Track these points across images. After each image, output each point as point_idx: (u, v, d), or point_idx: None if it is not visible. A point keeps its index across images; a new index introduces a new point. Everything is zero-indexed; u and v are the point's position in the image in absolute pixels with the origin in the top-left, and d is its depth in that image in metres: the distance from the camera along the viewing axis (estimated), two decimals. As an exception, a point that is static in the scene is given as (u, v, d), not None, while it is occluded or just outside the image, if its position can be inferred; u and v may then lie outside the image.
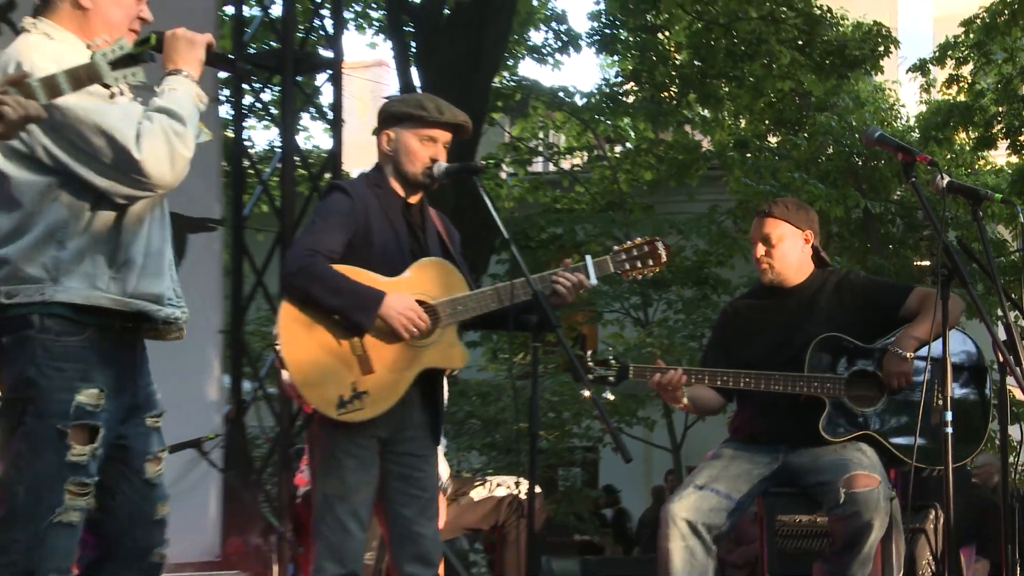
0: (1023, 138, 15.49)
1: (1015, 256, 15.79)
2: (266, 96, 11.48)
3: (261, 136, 16.82)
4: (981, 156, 17.03)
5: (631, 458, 4.46)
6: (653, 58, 16.17)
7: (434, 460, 4.85)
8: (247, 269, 8.82)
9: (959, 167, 16.52)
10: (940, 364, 4.48)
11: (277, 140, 9.58)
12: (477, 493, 6.41)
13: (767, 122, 16.80)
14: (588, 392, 5.00)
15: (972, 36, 15.41)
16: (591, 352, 5.39)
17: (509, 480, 6.42)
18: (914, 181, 4.41)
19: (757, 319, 5.59)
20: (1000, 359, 4.43)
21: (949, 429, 4.33)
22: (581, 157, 19.26)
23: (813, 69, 15.12)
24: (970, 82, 15.93)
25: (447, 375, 5.01)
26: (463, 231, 5.07)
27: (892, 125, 17.45)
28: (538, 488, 4.73)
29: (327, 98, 9.20)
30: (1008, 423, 4.94)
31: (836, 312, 5.45)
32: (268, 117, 13.45)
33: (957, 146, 16.82)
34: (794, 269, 5.53)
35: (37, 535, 3.56)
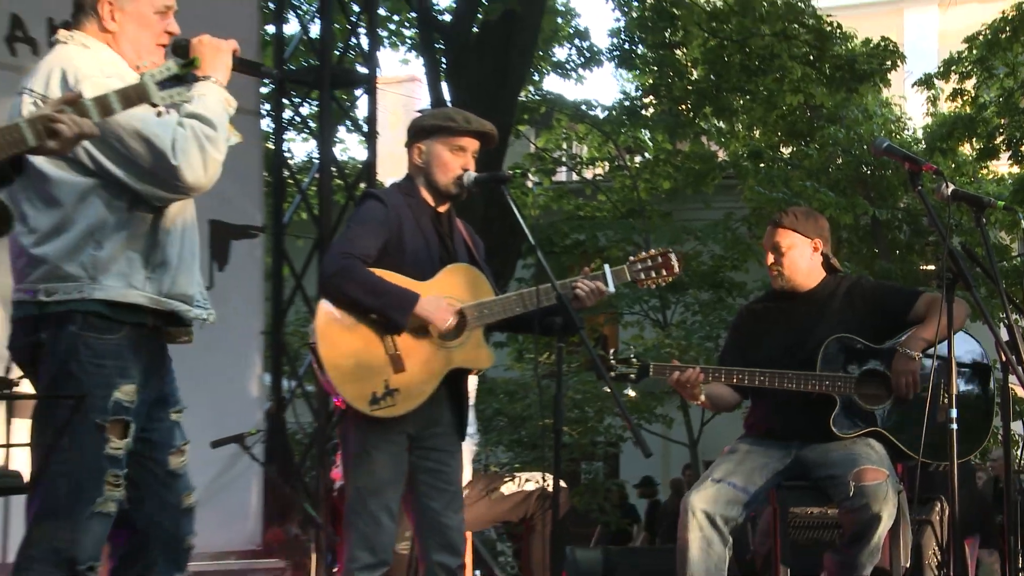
0: (1023, 149, 15.41)
1: (1017, 261, 15.71)
2: (305, 110, 11.53)
3: (300, 148, 16.89)
4: (983, 166, 16.94)
5: (651, 453, 4.46)
6: (671, 73, 16.16)
7: (459, 455, 4.84)
8: (287, 273, 8.85)
9: (962, 176, 16.44)
10: (945, 364, 4.46)
11: (315, 152, 9.61)
12: (507, 488, 6.40)
13: (780, 134, 16.75)
14: (617, 390, 5.00)
15: (975, 52, 15.35)
16: (613, 351, 5.36)
17: (537, 475, 6.41)
18: (920, 189, 4.40)
19: (772, 321, 5.57)
20: (1003, 359, 4.41)
21: (954, 426, 4.32)
22: (603, 167, 19.27)
23: (823, 83, 15.07)
24: (973, 96, 15.85)
25: (474, 374, 5.01)
26: (492, 238, 5.08)
27: (899, 136, 17.37)
28: (563, 483, 4.73)
29: (362, 112, 9.24)
30: (1011, 420, 4.92)
31: (847, 315, 5.43)
32: (307, 130, 13.51)
33: (960, 156, 16.73)
34: (804, 275, 5.51)
35: (80, 525, 3.57)
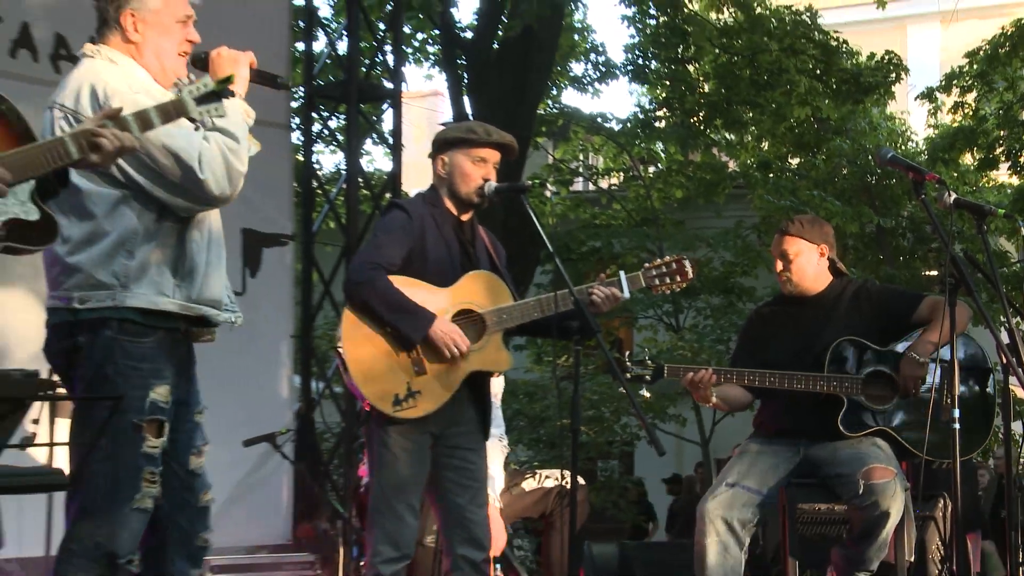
0: (1023, 159, 15.34)
1: (1017, 267, 15.64)
2: (333, 124, 11.54)
3: (329, 160, 16.89)
4: (984, 175, 16.88)
5: (664, 451, 4.46)
6: (683, 87, 16.13)
7: (483, 452, 4.84)
8: (316, 279, 8.86)
9: (964, 185, 16.38)
10: (948, 366, 4.44)
11: (343, 163, 9.63)
12: (528, 484, 6.39)
13: (787, 145, 16.68)
14: (632, 391, 4.99)
15: (976, 67, 15.30)
16: (628, 353, 5.36)
17: (556, 472, 6.41)
18: (923, 198, 4.38)
19: (781, 325, 5.56)
20: (1003, 361, 4.39)
21: (956, 425, 4.30)
22: (618, 177, 19.25)
23: (830, 96, 15.04)
24: (974, 108, 15.79)
25: (495, 376, 5.01)
26: (512, 246, 5.09)
27: (903, 148, 17.32)
28: (582, 480, 4.73)
29: (388, 125, 9.25)
30: (1011, 420, 4.90)
31: (853, 318, 5.41)
32: (335, 143, 13.50)
33: (962, 167, 16.67)
34: (812, 280, 5.51)
35: (119, 520, 3.58)
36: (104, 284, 3.61)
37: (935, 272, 16.31)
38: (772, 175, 16.41)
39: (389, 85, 9.19)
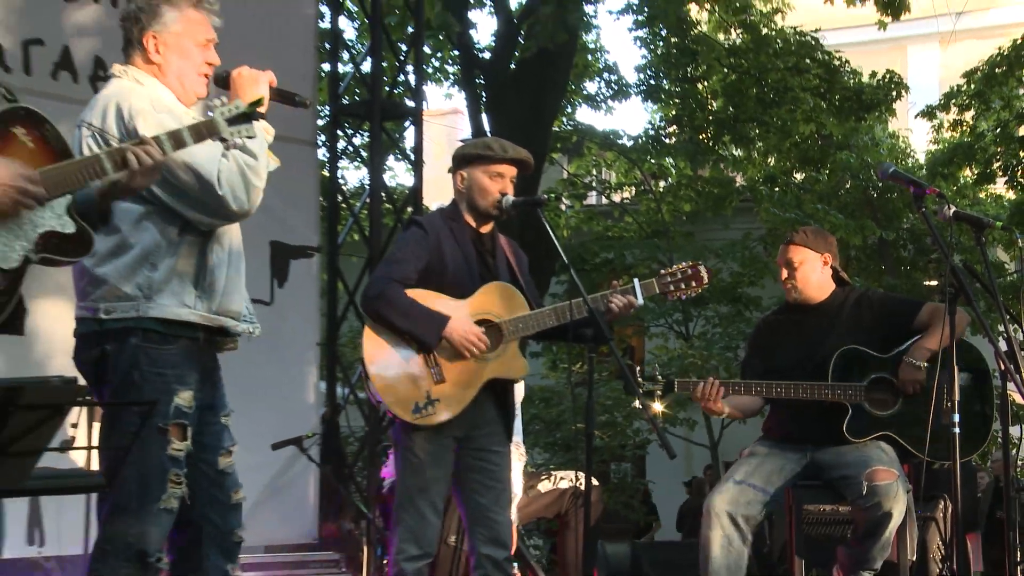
0: (1020, 174, 15.30)
1: (1013, 277, 15.58)
2: (357, 141, 11.56)
3: (353, 175, 16.94)
4: (982, 189, 16.85)
5: (675, 454, 4.44)
6: (692, 105, 16.11)
7: (507, 454, 4.85)
8: (341, 290, 8.86)
9: (962, 199, 16.34)
10: (948, 372, 4.42)
11: (366, 178, 9.65)
12: (543, 486, 6.39)
13: (793, 160, 16.67)
14: (645, 404, 4.99)
15: (973, 86, 15.27)
16: (640, 368, 5.35)
17: (571, 474, 6.40)
18: (924, 211, 4.37)
19: (787, 333, 5.55)
20: (1001, 367, 4.37)
21: (956, 429, 4.28)
22: (629, 191, 19.24)
23: (833, 113, 15.00)
24: (971, 126, 15.76)
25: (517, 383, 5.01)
26: (528, 257, 5.08)
27: (904, 163, 17.28)
28: (595, 481, 4.72)
29: (409, 142, 9.19)
30: (1009, 424, 4.87)
31: (856, 325, 5.40)
32: (359, 159, 13.54)
33: (961, 181, 16.64)
34: (816, 288, 5.50)
35: (148, 520, 3.59)
36: (128, 295, 3.62)
37: (935, 282, 16.26)
38: (778, 189, 16.42)
39: (411, 104, 9.18)
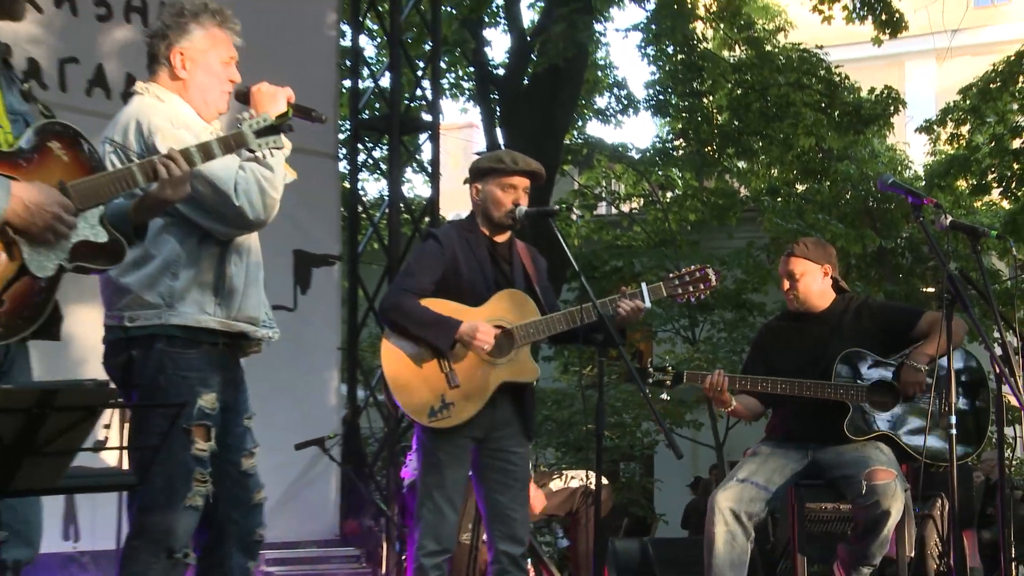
0: (1014, 185, 15.25)
1: (1008, 284, 15.53)
2: (377, 153, 11.55)
3: (373, 187, 16.93)
4: (978, 199, 16.80)
5: (682, 454, 4.45)
6: (698, 118, 16.08)
7: (525, 454, 4.86)
8: (361, 296, 8.88)
9: (959, 208, 16.29)
10: (946, 376, 4.42)
11: (386, 190, 9.63)
12: (555, 484, 6.39)
13: (795, 172, 16.64)
14: (653, 393, 5.00)
15: (968, 101, 15.23)
16: (650, 360, 5.37)
17: (581, 473, 6.39)
18: (922, 220, 4.37)
19: (789, 339, 5.55)
20: (997, 371, 4.36)
21: (953, 431, 4.28)
22: (638, 202, 19.19)
23: (833, 127, 14.98)
24: (967, 139, 15.72)
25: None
26: (543, 264, 5.10)
27: (902, 174, 17.24)
28: (605, 480, 4.72)
29: (427, 155, 9.25)
30: (1004, 426, 4.87)
31: (857, 332, 5.39)
32: (378, 171, 13.47)
33: (957, 191, 16.59)
34: (817, 297, 5.50)
35: (174, 517, 3.60)
36: (151, 304, 3.63)
37: (932, 289, 16.21)
38: (780, 200, 16.38)
39: (428, 118, 9.21)
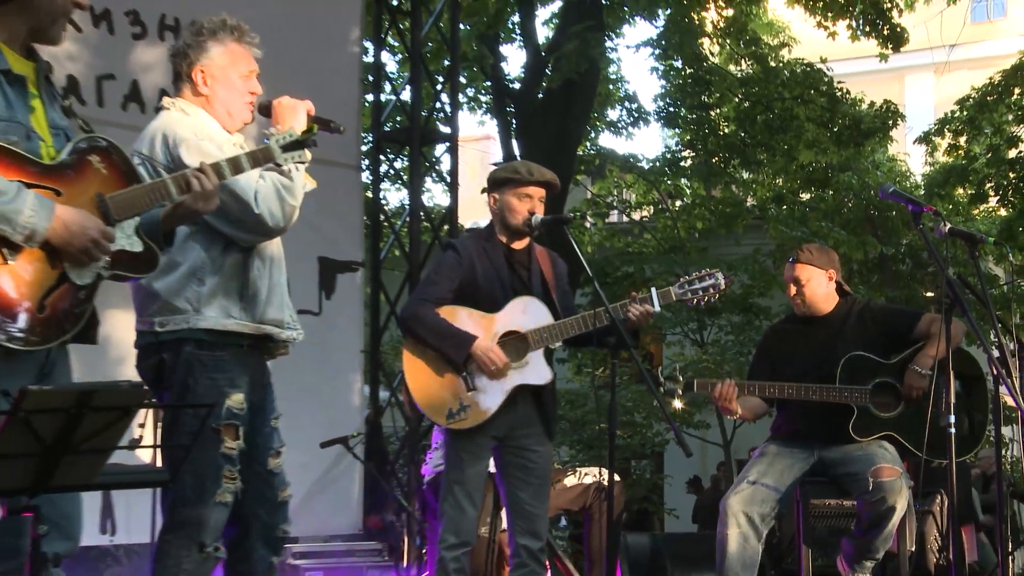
0: (1010, 194, 15.19)
1: (1005, 288, 15.47)
2: (398, 164, 11.57)
3: (394, 196, 16.93)
4: (975, 207, 16.75)
5: (691, 453, 4.45)
6: (706, 130, 16.05)
7: (546, 452, 4.86)
8: (383, 301, 8.88)
9: (957, 216, 16.24)
10: (946, 377, 4.40)
11: (406, 199, 9.65)
12: (569, 480, 6.37)
13: (799, 181, 16.63)
14: (665, 401, 5.01)
15: (965, 113, 15.19)
16: (661, 368, 5.37)
17: (594, 470, 6.38)
18: (921, 228, 4.34)
19: (795, 341, 5.53)
20: (994, 373, 4.34)
21: (952, 430, 4.26)
22: (648, 210, 19.18)
23: (834, 141, 14.94)
24: (965, 150, 15.68)
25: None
26: (558, 270, 5.10)
27: (902, 183, 17.19)
28: (617, 477, 4.71)
29: (445, 165, 9.22)
30: (1001, 425, 4.85)
31: (860, 335, 5.37)
32: (399, 181, 13.51)
33: (955, 199, 16.55)
34: (822, 300, 5.48)
35: (204, 513, 3.61)
36: (180, 309, 3.65)
37: (932, 293, 16.17)
38: (785, 208, 16.36)
39: (446, 130, 9.20)
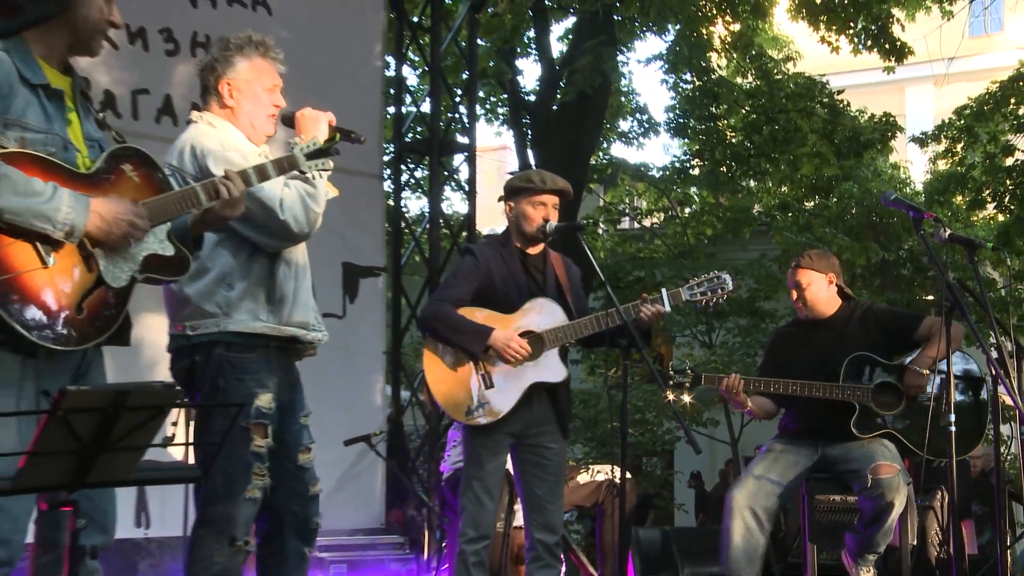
0: (1007, 200, 15.12)
1: (1002, 292, 15.40)
2: (418, 173, 11.59)
3: (415, 204, 16.95)
4: (974, 214, 16.69)
5: (700, 450, 4.44)
6: (714, 140, 16.05)
7: (561, 450, 4.85)
8: (404, 305, 8.90)
9: (956, 222, 16.18)
10: (946, 377, 4.38)
11: (427, 207, 9.66)
12: (582, 478, 6.36)
13: (803, 189, 16.60)
14: (675, 395, 5.01)
15: (963, 121, 15.15)
16: (671, 364, 5.36)
17: (607, 468, 6.37)
18: (922, 233, 4.33)
19: (800, 343, 5.52)
20: (993, 373, 4.32)
21: (952, 428, 4.24)
22: (658, 217, 19.18)
23: (834, 152, 14.90)
24: (961, 156, 15.64)
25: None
26: (572, 274, 5.11)
27: (903, 191, 17.14)
28: (629, 474, 4.71)
29: (464, 174, 9.23)
30: (1000, 423, 4.82)
31: (862, 337, 5.36)
32: (420, 189, 13.53)
33: (954, 206, 16.48)
34: (824, 304, 5.47)
35: (235, 508, 3.61)
36: (210, 313, 3.65)
37: (932, 297, 16.10)
38: (790, 215, 16.33)
39: (465, 141, 9.21)
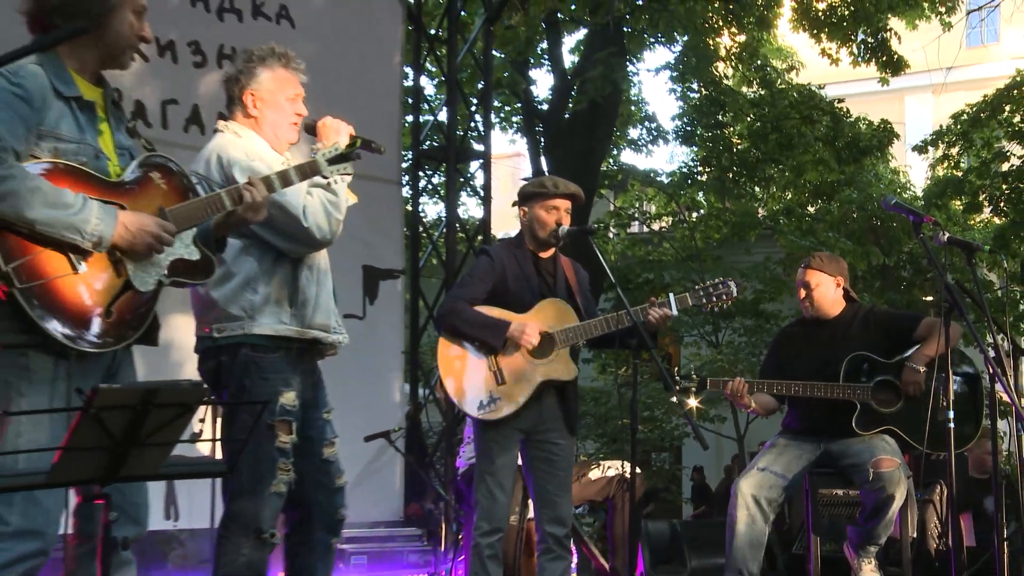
0: (1002, 204, 15.07)
1: (999, 293, 15.34)
2: (435, 180, 11.60)
3: (432, 209, 16.97)
4: (971, 217, 16.65)
5: (707, 446, 4.43)
6: (720, 147, 16.05)
7: (569, 446, 4.84)
8: (421, 306, 8.91)
9: (954, 226, 16.13)
10: (944, 376, 4.37)
11: (443, 212, 9.67)
12: (593, 473, 6.36)
13: (806, 195, 16.58)
14: (681, 400, 4.99)
15: (960, 127, 15.11)
16: (677, 368, 5.36)
17: (617, 463, 6.36)
18: (921, 237, 4.31)
19: (804, 342, 5.51)
20: (990, 371, 4.31)
21: (951, 424, 4.23)
22: (667, 221, 19.17)
23: (835, 159, 14.87)
24: (957, 161, 15.61)
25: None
26: (583, 276, 5.10)
27: (903, 195, 17.09)
28: (638, 469, 4.71)
29: (479, 180, 9.25)
30: (997, 420, 4.81)
31: (864, 337, 5.35)
32: (437, 195, 13.56)
33: (952, 210, 16.44)
34: (829, 305, 5.46)
35: (261, 502, 3.61)
36: (235, 316, 3.65)
37: (931, 298, 16.05)
38: (794, 219, 16.31)
39: (480, 148, 9.21)
